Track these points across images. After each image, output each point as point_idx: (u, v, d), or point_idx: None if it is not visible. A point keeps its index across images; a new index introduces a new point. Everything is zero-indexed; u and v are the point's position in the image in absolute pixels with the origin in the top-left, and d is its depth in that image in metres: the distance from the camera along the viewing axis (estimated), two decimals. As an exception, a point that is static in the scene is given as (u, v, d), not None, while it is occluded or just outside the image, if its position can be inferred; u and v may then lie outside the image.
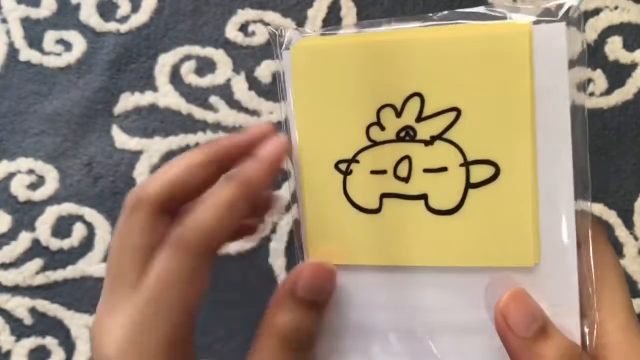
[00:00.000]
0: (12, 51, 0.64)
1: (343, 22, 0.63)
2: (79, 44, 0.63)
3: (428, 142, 0.23)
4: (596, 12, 0.63)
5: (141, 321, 0.24)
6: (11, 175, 0.60)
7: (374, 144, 0.24)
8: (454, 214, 0.23)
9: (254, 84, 0.62)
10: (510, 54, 0.22)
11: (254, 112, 0.61)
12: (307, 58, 0.24)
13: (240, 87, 0.62)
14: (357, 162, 0.24)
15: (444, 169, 0.23)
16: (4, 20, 0.64)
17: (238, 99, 0.61)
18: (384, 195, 0.24)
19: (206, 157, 0.26)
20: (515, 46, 0.22)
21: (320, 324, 0.26)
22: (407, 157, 0.23)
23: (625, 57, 0.62)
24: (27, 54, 0.63)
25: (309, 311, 0.25)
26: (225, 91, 0.62)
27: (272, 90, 0.62)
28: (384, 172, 0.24)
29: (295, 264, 0.27)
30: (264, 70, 0.62)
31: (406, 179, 0.24)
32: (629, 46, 0.62)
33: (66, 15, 0.64)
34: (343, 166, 0.24)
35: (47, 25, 0.64)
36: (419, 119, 0.23)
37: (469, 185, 0.23)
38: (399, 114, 0.23)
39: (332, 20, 0.63)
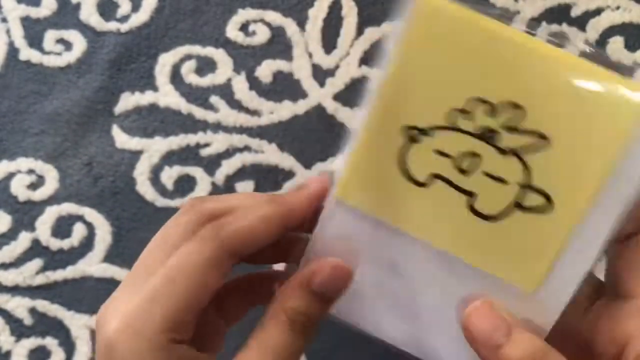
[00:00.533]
0: (12, 50, 0.63)
1: (344, 21, 0.63)
2: (79, 44, 0.63)
3: (504, 152, 0.24)
4: (598, 12, 0.63)
5: (150, 297, 0.25)
6: (11, 175, 0.60)
7: (454, 128, 0.24)
8: (488, 220, 0.24)
9: (254, 83, 0.62)
10: (615, 118, 0.23)
11: (254, 112, 0.61)
12: (430, 15, 0.23)
13: (240, 87, 0.62)
14: (428, 135, 0.24)
15: (503, 181, 0.24)
16: (4, 20, 0.64)
17: (238, 99, 0.61)
18: (435, 176, 0.24)
19: (277, 217, 0.27)
20: (623, 116, 0.23)
21: (326, 315, 0.27)
22: (477, 154, 0.24)
23: (627, 57, 0.62)
24: (27, 54, 0.63)
25: (320, 303, 0.26)
26: (225, 91, 0.62)
27: (273, 90, 0.62)
28: (448, 156, 0.24)
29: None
30: (265, 70, 0.62)
31: (465, 172, 0.24)
32: (630, 46, 0.62)
33: (66, 15, 0.64)
34: (412, 132, 0.24)
35: (47, 24, 0.64)
36: (510, 129, 0.24)
37: (516, 205, 0.24)
38: (492, 113, 0.23)
39: (333, 20, 0.63)
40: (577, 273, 0.24)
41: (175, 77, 0.62)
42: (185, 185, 0.59)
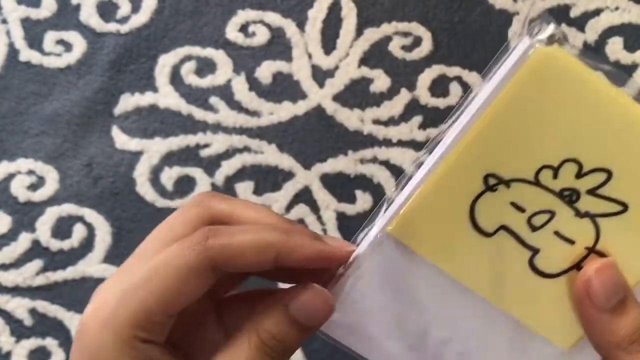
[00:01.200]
0: (12, 52, 0.64)
1: (343, 22, 0.63)
2: (79, 45, 0.63)
3: (580, 214, 0.23)
4: (597, 12, 0.63)
5: (126, 290, 0.24)
6: (11, 176, 0.60)
7: (537, 183, 0.23)
8: (544, 278, 0.24)
9: (254, 84, 0.62)
10: None
11: (254, 113, 0.61)
12: (545, 64, 0.22)
13: (240, 88, 0.62)
14: (507, 186, 0.23)
15: (571, 242, 0.24)
16: (4, 21, 0.64)
17: (238, 100, 0.61)
18: (503, 227, 0.24)
19: (272, 249, 0.25)
20: None
21: (298, 347, 0.26)
22: (552, 212, 0.23)
23: (626, 57, 0.62)
24: (27, 55, 0.63)
25: (296, 331, 0.25)
26: (225, 92, 0.62)
27: (272, 91, 0.62)
28: (522, 210, 0.23)
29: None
30: (265, 71, 0.62)
31: (535, 229, 0.24)
32: (629, 47, 0.62)
33: (66, 16, 0.64)
34: (492, 180, 0.23)
35: (47, 25, 0.64)
36: (594, 194, 0.23)
37: (577, 267, 0.24)
38: (580, 175, 0.23)
39: (332, 21, 0.63)
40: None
41: (175, 78, 0.62)
42: (185, 186, 0.59)
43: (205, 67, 0.62)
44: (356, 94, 0.61)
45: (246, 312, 0.27)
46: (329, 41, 0.63)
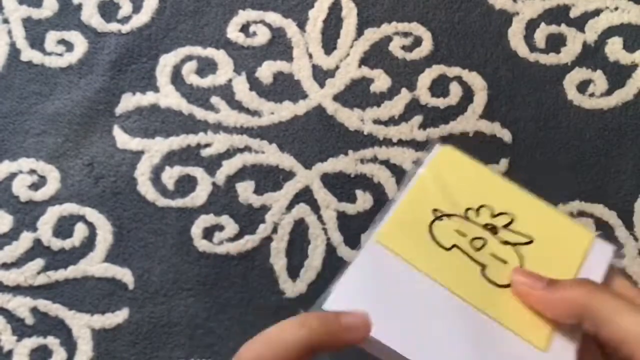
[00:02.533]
0: (14, 51, 0.64)
1: (344, 23, 0.63)
2: (81, 44, 0.64)
3: (504, 242, 0.32)
4: (596, 13, 0.63)
5: None
6: (13, 176, 0.60)
7: (467, 218, 0.33)
8: (500, 287, 0.31)
9: (255, 84, 0.62)
10: (575, 243, 0.32)
11: (255, 113, 0.61)
12: (446, 153, 0.34)
13: (241, 88, 0.62)
14: (450, 219, 0.33)
15: (505, 262, 0.32)
16: (6, 21, 0.65)
17: (239, 100, 0.62)
18: (456, 246, 0.32)
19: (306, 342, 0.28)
20: (580, 242, 0.32)
21: (333, 352, 0.29)
22: (484, 239, 0.32)
23: (625, 57, 0.62)
24: (28, 54, 0.64)
25: (336, 338, 0.28)
26: (226, 91, 0.62)
27: (273, 91, 0.62)
28: (464, 235, 0.32)
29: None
30: (265, 71, 0.62)
31: (477, 249, 0.32)
32: (629, 47, 0.62)
33: (68, 16, 0.65)
34: (438, 214, 0.33)
35: (48, 25, 0.65)
36: (507, 228, 0.33)
37: None
38: (493, 217, 0.33)
39: (333, 21, 0.64)
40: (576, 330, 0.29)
41: (176, 78, 0.62)
42: (186, 185, 0.59)
43: (206, 67, 0.63)
44: (356, 94, 0.61)
45: None
46: (329, 41, 0.63)
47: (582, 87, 0.61)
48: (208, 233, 0.58)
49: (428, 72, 0.62)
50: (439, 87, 0.61)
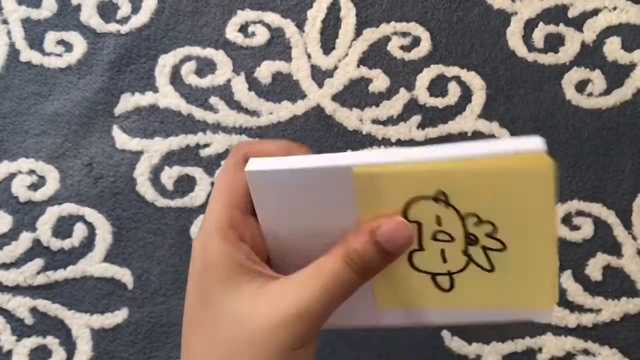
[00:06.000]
0: (13, 52, 0.64)
1: (342, 23, 0.64)
2: (80, 45, 0.64)
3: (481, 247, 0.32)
4: (595, 12, 0.63)
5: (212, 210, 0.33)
6: (12, 176, 0.60)
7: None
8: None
9: (253, 84, 0.62)
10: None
11: (253, 113, 0.61)
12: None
13: (240, 88, 0.62)
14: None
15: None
16: (5, 21, 0.65)
17: (238, 100, 0.62)
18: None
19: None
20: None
21: (381, 269, 0.31)
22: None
23: (623, 57, 0.62)
24: (27, 55, 0.64)
25: (377, 252, 0.30)
26: (225, 92, 0.62)
27: (272, 91, 0.62)
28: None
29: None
30: (264, 71, 0.62)
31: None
32: (627, 47, 0.62)
33: (67, 16, 0.65)
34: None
35: (47, 26, 0.65)
36: (489, 235, 0.31)
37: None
38: (478, 224, 0.31)
39: (331, 21, 0.64)
40: None
41: (175, 78, 0.62)
42: (185, 185, 0.60)
43: (205, 67, 0.63)
44: (355, 94, 0.62)
45: None
46: (328, 41, 0.63)
47: (581, 86, 0.61)
48: (207, 233, 0.58)
49: (426, 72, 0.62)
50: (438, 86, 0.61)
